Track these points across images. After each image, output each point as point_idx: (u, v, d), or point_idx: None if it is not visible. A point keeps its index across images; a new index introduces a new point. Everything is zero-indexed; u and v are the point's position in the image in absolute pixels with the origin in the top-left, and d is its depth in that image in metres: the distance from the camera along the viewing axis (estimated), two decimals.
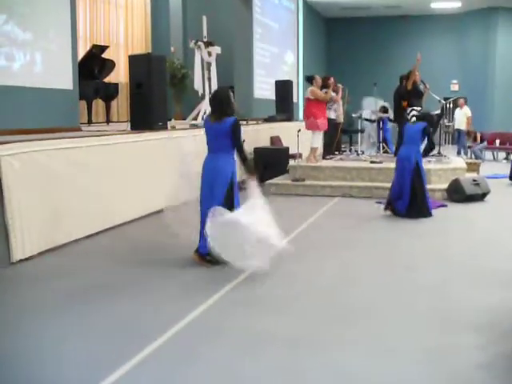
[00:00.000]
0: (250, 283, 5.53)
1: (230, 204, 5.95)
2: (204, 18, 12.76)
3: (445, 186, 10.21)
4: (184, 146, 8.29)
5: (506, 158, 18.27)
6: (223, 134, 5.92)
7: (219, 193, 5.92)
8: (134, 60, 9.20)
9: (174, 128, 9.57)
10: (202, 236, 5.92)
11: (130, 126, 9.27)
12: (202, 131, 6.27)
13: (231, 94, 6.07)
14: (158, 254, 6.62)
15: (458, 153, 18.56)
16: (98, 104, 14.04)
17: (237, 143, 5.95)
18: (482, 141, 18.53)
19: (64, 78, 8.91)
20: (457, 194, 9.89)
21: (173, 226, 5.99)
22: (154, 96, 8.85)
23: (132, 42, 16.80)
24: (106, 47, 13.22)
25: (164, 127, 9.29)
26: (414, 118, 10.93)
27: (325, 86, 11.56)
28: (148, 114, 8.87)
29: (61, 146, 6.91)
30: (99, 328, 4.47)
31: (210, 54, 12.70)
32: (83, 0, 14.68)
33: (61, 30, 8.84)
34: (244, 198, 5.98)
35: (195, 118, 12.36)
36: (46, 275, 5.91)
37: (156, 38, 17.56)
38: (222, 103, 5.98)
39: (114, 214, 7.82)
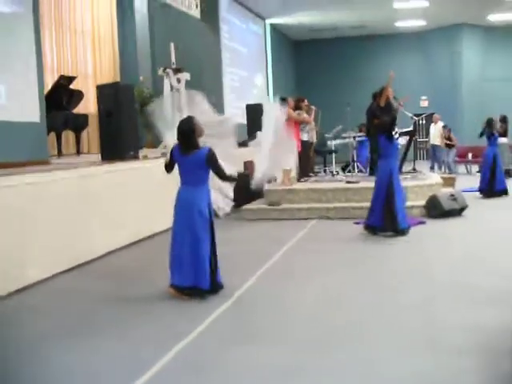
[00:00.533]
0: (231, 314, 5.36)
1: (211, 236, 5.88)
2: (172, 45, 12.69)
3: (422, 202, 10.16)
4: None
5: (479, 171, 18.36)
6: (197, 166, 5.75)
7: (199, 228, 5.76)
8: (102, 89, 9.05)
9: (145, 157, 9.40)
10: (176, 269, 5.78)
11: (100, 157, 9.08)
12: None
13: (195, 122, 5.77)
14: (133, 289, 6.41)
15: (432, 168, 18.66)
16: (68, 135, 13.83)
17: (218, 172, 5.81)
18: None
19: (30, 111, 8.70)
20: (435, 210, 9.83)
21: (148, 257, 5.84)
22: (123, 125, 8.71)
23: (100, 71, 16.61)
24: (74, 78, 13.03)
25: (135, 156, 9.12)
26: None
27: (298, 107, 11.49)
28: (119, 143, 8.71)
29: (26, 181, 6.70)
30: (76, 371, 4.26)
31: (179, 80, 12.60)
32: (49, 29, 14.51)
33: (26, 61, 8.64)
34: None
35: (165, 147, 12.17)
36: (18, 316, 5.68)
37: (124, 67, 17.38)
38: (187, 136, 5.71)
39: (84, 249, 7.58)
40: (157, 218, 8.81)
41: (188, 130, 5.68)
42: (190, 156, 5.70)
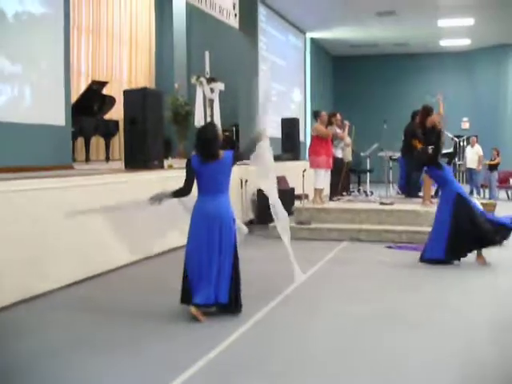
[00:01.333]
0: (244, 341, 4.92)
1: (235, 250, 5.61)
2: (206, 54, 12.39)
3: None
4: None
5: None
6: (221, 172, 5.52)
7: (225, 240, 5.50)
8: (128, 95, 8.72)
9: (170, 167, 9.05)
10: (197, 287, 5.42)
11: (124, 165, 8.75)
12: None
13: (217, 128, 5.67)
14: (147, 303, 6.02)
15: (471, 193, 17.96)
16: (99, 142, 13.62)
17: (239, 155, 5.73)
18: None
19: (56, 114, 8.44)
20: None
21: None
22: (149, 132, 8.35)
23: (136, 78, 16.45)
24: (106, 83, 12.84)
25: (160, 166, 8.77)
26: None
27: (330, 122, 11.06)
28: (143, 151, 8.36)
29: (41, 186, 6.37)
30: None
31: (212, 90, 12.31)
32: (86, 34, 14.39)
33: (53, 63, 8.40)
34: None
35: None
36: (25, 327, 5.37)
37: (159, 75, 17.24)
38: (212, 143, 5.50)
39: (99, 261, 7.23)
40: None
41: (213, 138, 5.51)
42: (214, 163, 5.47)
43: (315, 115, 11.18)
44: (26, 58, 7.99)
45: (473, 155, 17.96)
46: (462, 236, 7.70)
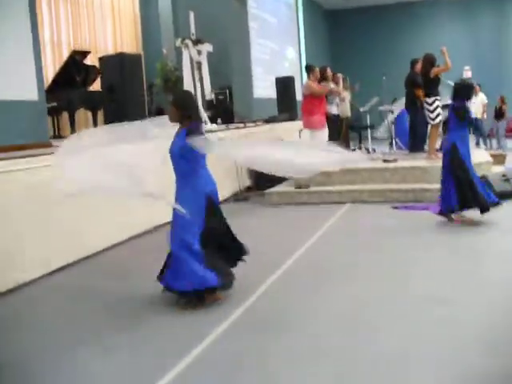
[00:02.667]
0: (236, 331, 4.37)
1: None
2: (191, 14, 11.69)
3: None
4: None
5: None
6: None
7: None
8: (105, 62, 8.05)
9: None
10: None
11: None
12: None
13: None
14: (138, 288, 5.49)
15: (477, 143, 17.31)
16: (87, 115, 12.96)
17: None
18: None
19: (26, 88, 7.80)
20: None
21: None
22: (128, 101, 7.70)
23: (121, 46, 15.66)
24: (88, 52, 12.09)
25: None
26: (440, 110, 9.81)
27: (324, 78, 10.35)
28: (123, 121, 7.70)
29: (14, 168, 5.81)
30: None
31: (199, 52, 11.63)
32: (64, 4, 13.63)
33: (19, 35, 7.72)
34: None
35: None
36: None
37: (146, 41, 16.44)
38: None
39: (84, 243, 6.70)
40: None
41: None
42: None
43: (308, 69, 10.47)
44: None
45: (477, 104, 17.23)
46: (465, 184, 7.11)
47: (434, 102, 9.89)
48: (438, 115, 9.89)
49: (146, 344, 4.22)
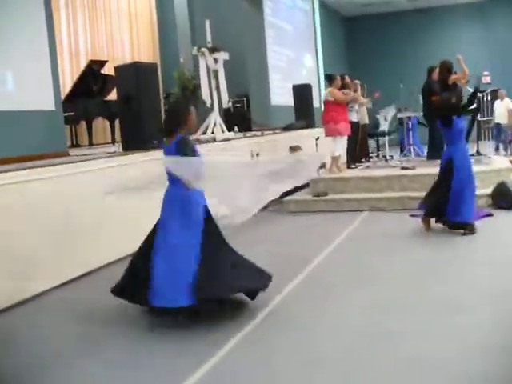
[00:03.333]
0: (248, 345, 4.31)
1: None
2: (207, 22, 11.67)
3: (488, 190, 8.84)
4: None
5: None
6: None
7: None
8: (120, 71, 8.06)
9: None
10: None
11: (121, 147, 8.14)
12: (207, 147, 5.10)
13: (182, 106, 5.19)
14: None
15: (497, 149, 17.11)
16: (105, 124, 13.01)
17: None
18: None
19: (44, 99, 7.83)
20: (504, 199, 8.53)
21: None
22: (144, 111, 7.69)
23: (138, 54, 15.71)
24: (105, 62, 12.23)
25: (159, 146, 8.12)
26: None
27: (343, 86, 10.30)
28: (139, 131, 7.72)
29: (30, 178, 5.82)
30: None
31: (216, 60, 11.59)
32: (81, 13, 13.73)
33: (36, 44, 7.77)
34: None
35: (204, 132, 11.22)
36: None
37: (164, 49, 16.49)
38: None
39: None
40: None
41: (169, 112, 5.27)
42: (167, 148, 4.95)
43: (329, 79, 10.43)
44: (3, 41, 7.37)
45: (502, 109, 17.01)
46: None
47: None
48: None
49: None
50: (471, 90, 11.85)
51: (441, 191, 7.31)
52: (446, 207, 7.19)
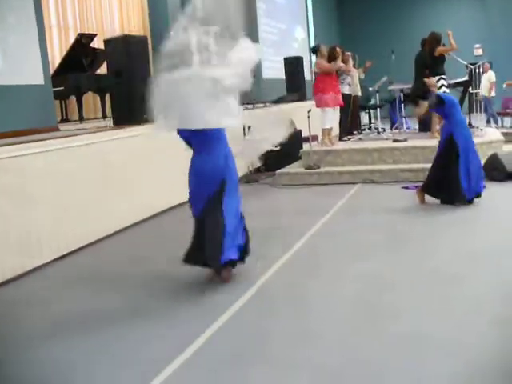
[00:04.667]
0: (241, 318, 4.32)
1: None
2: None
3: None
4: None
5: None
6: None
7: None
8: (109, 45, 7.95)
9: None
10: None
11: (112, 122, 8.08)
12: None
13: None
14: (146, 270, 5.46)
15: (488, 122, 17.09)
16: (95, 99, 12.88)
17: None
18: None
19: (32, 73, 7.74)
20: (496, 171, 8.54)
21: None
22: (135, 84, 7.60)
23: (128, 28, 15.51)
24: (95, 35, 12.05)
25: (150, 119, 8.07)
26: (445, 88, 9.66)
27: (333, 57, 10.21)
28: (130, 105, 7.65)
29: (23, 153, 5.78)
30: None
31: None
32: None
33: (22, 17, 7.65)
34: None
35: None
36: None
37: (154, 23, 16.26)
38: None
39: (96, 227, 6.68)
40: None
41: None
42: None
43: (314, 51, 10.41)
44: None
45: (485, 81, 16.98)
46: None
47: (438, 80, 9.72)
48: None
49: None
50: (463, 62, 11.82)
51: (443, 167, 7.26)
52: (455, 184, 7.15)
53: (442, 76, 9.80)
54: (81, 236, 6.42)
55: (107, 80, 11.73)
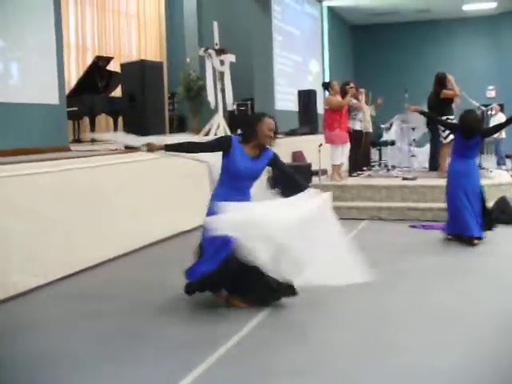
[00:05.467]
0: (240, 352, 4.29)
1: None
2: (215, 24, 11.68)
3: (489, 205, 8.82)
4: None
5: None
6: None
7: None
8: (125, 69, 8.04)
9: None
10: None
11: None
12: None
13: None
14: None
15: (498, 163, 17.10)
16: (108, 121, 12.99)
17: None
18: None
19: (48, 92, 7.82)
20: (504, 214, 8.50)
21: None
22: (148, 109, 7.68)
23: (145, 53, 15.73)
24: (111, 58, 12.24)
25: None
26: None
27: (345, 92, 10.26)
28: (142, 129, 7.69)
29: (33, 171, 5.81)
30: None
31: (222, 62, 11.60)
32: (90, 10, 13.73)
33: (43, 38, 7.75)
34: None
35: (207, 134, 11.22)
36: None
37: (171, 49, 16.49)
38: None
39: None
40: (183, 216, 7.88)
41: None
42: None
43: (325, 87, 10.48)
44: (11, 33, 7.36)
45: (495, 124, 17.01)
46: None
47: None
48: (449, 134, 9.74)
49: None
50: (475, 104, 11.85)
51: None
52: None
53: (449, 117, 9.85)
54: (87, 257, 6.41)
55: (121, 103, 11.87)
